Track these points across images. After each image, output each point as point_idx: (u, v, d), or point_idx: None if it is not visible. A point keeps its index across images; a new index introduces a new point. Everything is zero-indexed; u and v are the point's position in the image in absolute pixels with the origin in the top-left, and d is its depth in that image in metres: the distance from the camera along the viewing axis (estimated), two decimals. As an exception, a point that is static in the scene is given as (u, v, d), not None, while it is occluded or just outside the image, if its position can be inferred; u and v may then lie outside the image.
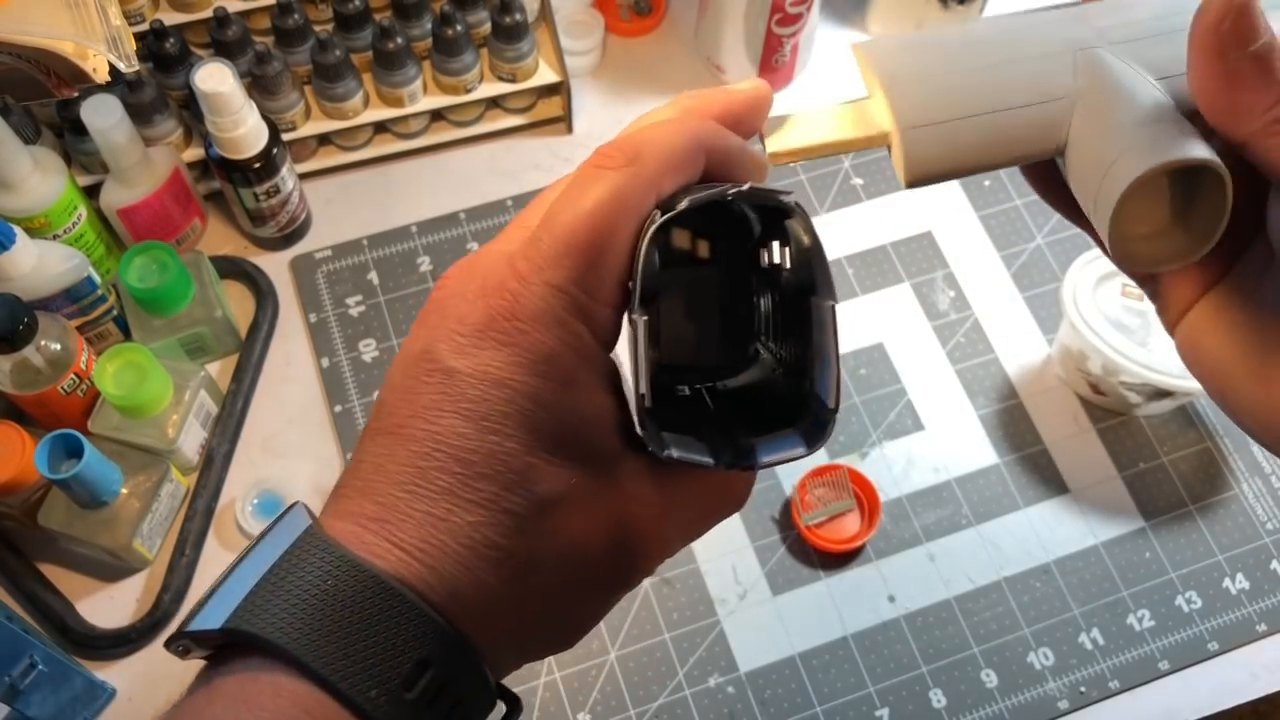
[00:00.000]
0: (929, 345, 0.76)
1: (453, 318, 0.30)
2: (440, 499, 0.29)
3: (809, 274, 0.30)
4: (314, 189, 0.80)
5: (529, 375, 0.29)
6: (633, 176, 0.29)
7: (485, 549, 0.29)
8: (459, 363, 0.29)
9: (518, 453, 0.29)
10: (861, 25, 0.88)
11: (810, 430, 0.30)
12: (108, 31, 0.64)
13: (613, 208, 0.29)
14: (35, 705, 0.58)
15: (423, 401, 0.30)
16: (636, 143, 0.30)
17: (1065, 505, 0.71)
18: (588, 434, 0.30)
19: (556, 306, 0.29)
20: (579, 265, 0.29)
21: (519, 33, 0.75)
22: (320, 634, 0.28)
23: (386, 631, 0.28)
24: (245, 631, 0.28)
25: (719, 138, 0.31)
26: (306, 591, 0.28)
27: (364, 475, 0.30)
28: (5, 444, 0.61)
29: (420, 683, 0.28)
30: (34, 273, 0.64)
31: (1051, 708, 0.65)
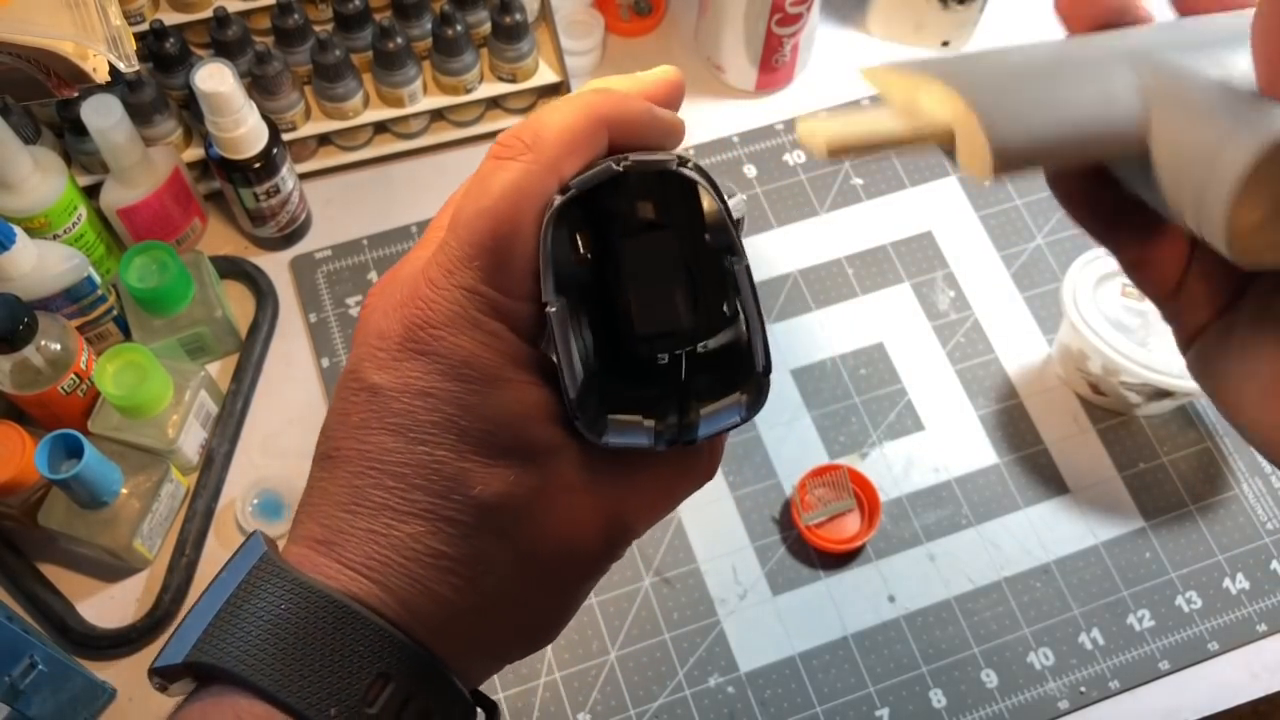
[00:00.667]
0: (929, 345, 0.76)
1: (374, 334, 0.30)
2: (379, 515, 0.29)
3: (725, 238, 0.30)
4: (314, 189, 0.80)
5: (449, 381, 0.29)
6: (531, 163, 0.29)
7: (429, 559, 0.29)
8: (381, 378, 0.29)
9: (449, 460, 0.29)
10: (862, 25, 0.88)
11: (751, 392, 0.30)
12: (108, 31, 0.64)
13: (513, 200, 0.28)
14: (35, 705, 0.58)
15: (353, 421, 0.30)
16: (534, 128, 0.29)
17: (1065, 505, 0.71)
18: (521, 430, 0.29)
19: (469, 308, 0.29)
20: (487, 264, 0.29)
21: (519, 33, 0.75)
22: (277, 658, 0.28)
23: (342, 649, 0.28)
24: (204, 663, 0.28)
25: (621, 107, 0.30)
26: (261, 617, 0.28)
27: (312, 500, 0.31)
28: (5, 444, 0.61)
29: (382, 697, 0.28)
30: (34, 273, 0.64)
31: (1051, 708, 0.65)
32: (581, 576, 0.32)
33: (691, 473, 0.33)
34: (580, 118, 0.29)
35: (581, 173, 0.29)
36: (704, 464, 0.33)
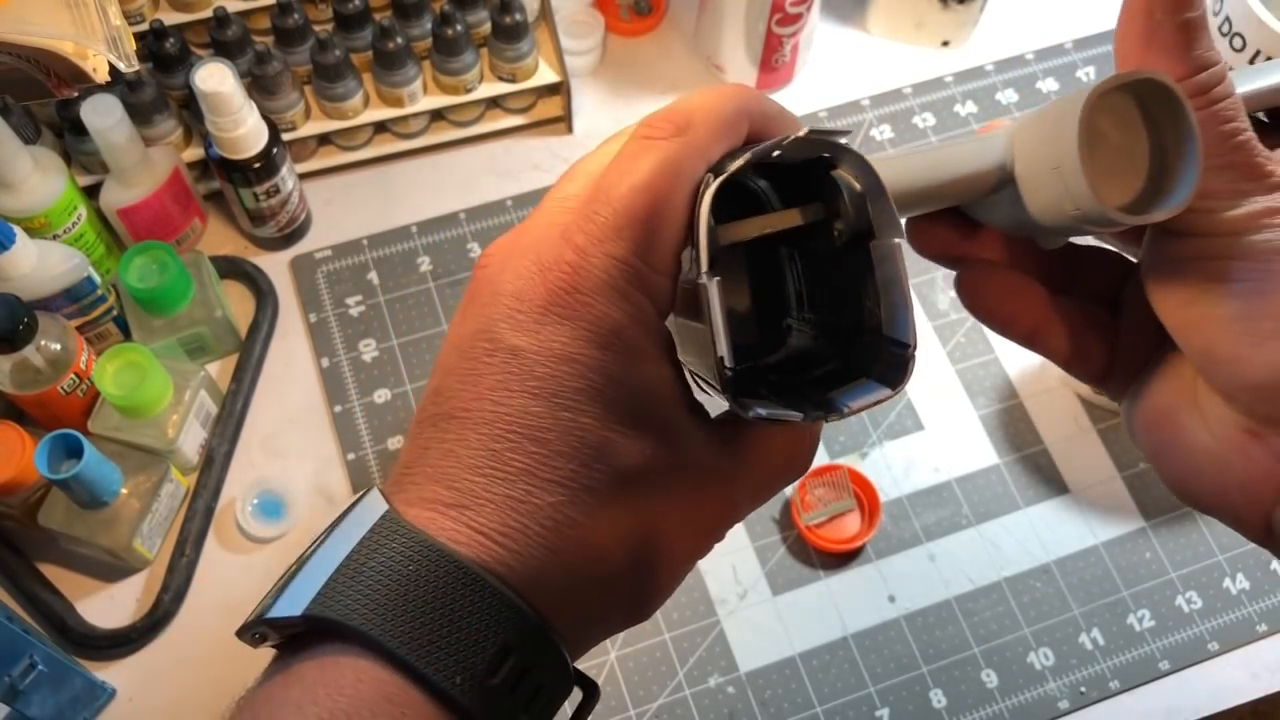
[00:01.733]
0: (929, 345, 0.76)
1: (509, 295, 0.29)
2: (518, 480, 0.29)
3: (865, 219, 0.30)
4: (314, 189, 0.80)
5: (596, 349, 0.29)
6: (684, 146, 0.29)
7: (568, 529, 0.29)
8: (523, 340, 0.29)
9: (593, 428, 0.29)
10: (862, 25, 0.88)
11: (888, 372, 0.30)
12: (108, 31, 0.64)
13: (667, 178, 0.29)
14: (35, 705, 0.58)
15: (487, 383, 0.29)
16: (685, 111, 0.30)
17: (1065, 505, 0.71)
18: (656, 405, 0.30)
19: (618, 278, 0.29)
20: (637, 236, 0.29)
21: (519, 33, 0.75)
22: (403, 620, 0.27)
23: (469, 617, 0.27)
24: (327, 618, 0.27)
25: (761, 102, 0.31)
26: (387, 577, 0.28)
27: (433, 461, 0.30)
28: (5, 444, 0.61)
29: (503, 669, 0.28)
30: (34, 273, 0.64)
31: (1051, 708, 0.65)
32: (691, 554, 0.32)
33: (794, 461, 0.33)
34: (731, 105, 0.30)
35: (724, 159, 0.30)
36: (805, 451, 0.33)
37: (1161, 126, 0.31)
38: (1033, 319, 0.36)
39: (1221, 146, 0.30)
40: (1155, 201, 0.31)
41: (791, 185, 0.33)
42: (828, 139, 0.29)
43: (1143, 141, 0.31)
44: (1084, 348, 0.36)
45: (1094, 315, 0.37)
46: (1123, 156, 0.31)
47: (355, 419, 0.72)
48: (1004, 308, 0.36)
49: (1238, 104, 0.31)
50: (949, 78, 0.85)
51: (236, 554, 0.68)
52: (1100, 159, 0.31)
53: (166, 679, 0.65)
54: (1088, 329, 0.36)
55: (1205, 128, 0.30)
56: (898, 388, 0.30)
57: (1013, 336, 0.37)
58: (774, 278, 0.34)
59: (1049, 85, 0.85)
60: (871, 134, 0.83)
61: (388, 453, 0.71)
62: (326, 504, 0.70)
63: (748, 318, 0.34)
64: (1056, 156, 0.30)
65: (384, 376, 0.74)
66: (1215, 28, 0.74)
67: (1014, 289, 0.36)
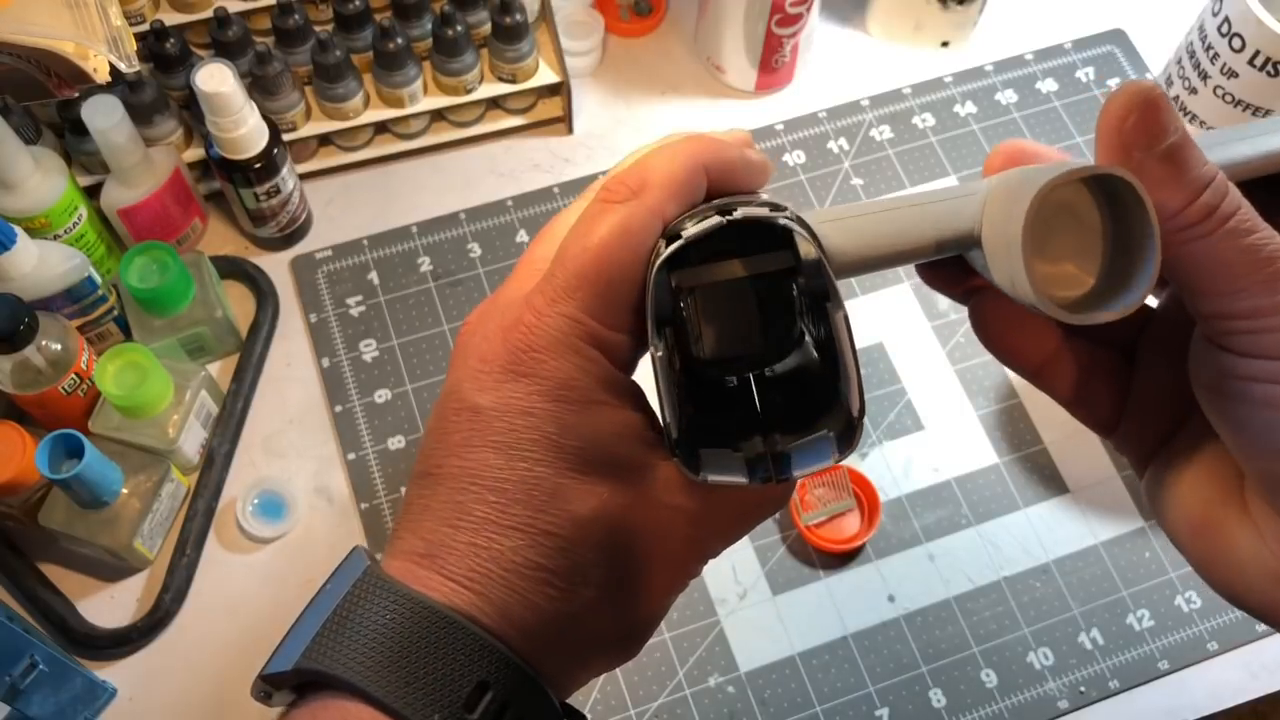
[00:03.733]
0: (929, 345, 0.76)
1: (475, 357, 0.32)
2: (481, 529, 0.31)
3: (820, 282, 0.31)
4: (314, 189, 0.80)
5: (550, 402, 0.31)
6: (637, 207, 0.31)
7: (529, 570, 0.30)
8: (484, 399, 0.31)
9: (547, 475, 0.30)
10: (861, 25, 0.88)
11: (841, 436, 0.31)
12: (108, 32, 0.64)
13: (620, 240, 0.31)
14: (35, 705, 0.58)
15: (455, 440, 0.31)
16: (639, 174, 0.32)
17: (1065, 505, 0.71)
18: (614, 449, 0.31)
19: (570, 335, 0.31)
20: (590, 296, 0.31)
21: (519, 33, 0.76)
22: (382, 665, 0.29)
23: (445, 657, 0.29)
24: (312, 669, 0.30)
25: (718, 153, 0.33)
26: (367, 627, 0.30)
27: (413, 517, 0.32)
28: (6, 444, 0.61)
29: (481, 704, 0.29)
30: (34, 273, 0.64)
31: (1051, 707, 0.65)
32: (666, 590, 0.33)
33: (767, 502, 0.34)
34: (682, 164, 0.32)
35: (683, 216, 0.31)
36: (780, 490, 0.34)
37: (1127, 215, 0.29)
38: (1041, 355, 0.35)
39: (1254, 260, 0.28)
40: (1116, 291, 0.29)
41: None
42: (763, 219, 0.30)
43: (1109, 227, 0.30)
44: (1092, 392, 0.35)
45: (1106, 360, 0.36)
46: (1090, 238, 0.30)
47: (355, 419, 0.72)
48: (1012, 341, 0.36)
49: (1251, 212, 0.29)
50: (949, 78, 0.85)
51: (237, 554, 0.68)
52: (1065, 237, 0.29)
53: (167, 679, 0.65)
54: (1098, 373, 0.35)
55: (1228, 247, 0.28)
56: (844, 454, 0.31)
57: (1020, 371, 0.36)
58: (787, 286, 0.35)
59: (1049, 85, 0.85)
60: (871, 134, 0.83)
61: (388, 453, 0.71)
62: (327, 504, 0.70)
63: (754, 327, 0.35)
64: (1008, 235, 0.29)
65: (384, 376, 0.74)
66: (1215, 28, 0.74)
67: (1024, 322, 0.35)
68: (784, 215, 0.31)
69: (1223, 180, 0.29)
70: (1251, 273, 0.28)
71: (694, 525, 0.33)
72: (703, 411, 0.34)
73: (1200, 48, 0.76)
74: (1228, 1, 0.73)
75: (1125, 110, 0.28)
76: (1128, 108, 0.28)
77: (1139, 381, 0.35)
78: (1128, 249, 0.29)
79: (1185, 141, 0.29)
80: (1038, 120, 0.84)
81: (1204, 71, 0.76)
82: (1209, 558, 0.33)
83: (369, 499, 0.70)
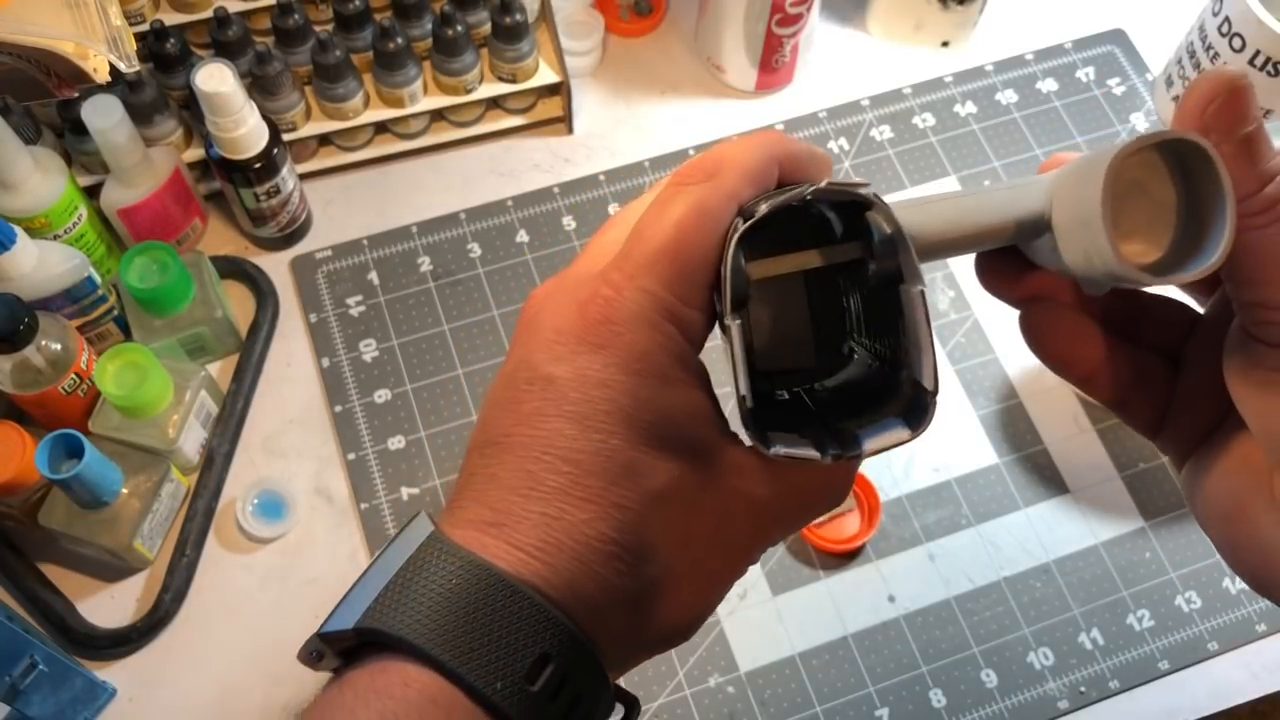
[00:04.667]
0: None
1: (547, 329, 0.32)
2: (553, 499, 0.30)
3: (894, 263, 0.31)
4: (314, 189, 0.80)
5: (626, 375, 0.31)
6: (713, 190, 0.31)
7: (599, 543, 0.30)
8: (558, 370, 0.31)
9: (622, 448, 0.30)
10: (861, 25, 0.88)
11: (910, 413, 0.31)
12: (108, 31, 0.64)
13: (696, 219, 0.31)
14: (35, 705, 0.58)
15: (526, 410, 0.31)
16: (715, 158, 0.32)
17: (1065, 505, 0.71)
18: (686, 428, 0.31)
19: (649, 309, 0.31)
20: (668, 272, 0.31)
21: (519, 33, 0.75)
22: (446, 630, 0.29)
23: (509, 627, 0.29)
24: (375, 629, 0.29)
25: (789, 145, 0.33)
26: (432, 592, 0.29)
27: (477, 486, 0.32)
28: (6, 444, 0.61)
29: (542, 676, 0.29)
30: (34, 273, 0.64)
31: (1051, 708, 0.65)
32: (725, 576, 0.34)
33: (831, 491, 0.34)
34: (759, 152, 0.32)
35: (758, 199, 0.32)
36: (841, 485, 0.34)
37: (1198, 185, 0.30)
38: (1091, 363, 0.36)
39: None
40: (1187, 260, 0.30)
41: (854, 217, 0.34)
42: (845, 190, 0.31)
43: (1180, 196, 0.31)
44: (1138, 397, 0.36)
45: (1153, 365, 0.36)
46: (1161, 211, 0.31)
47: (355, 419, 0.72)
48: (1063, 351, 0.36)
49: None
50: (949, 78, 0.85)
51: (237, 554, 0.68)
52: (1136, 213, 0.31)
53: (166, 679, 0.65)
54: (1145, 379, 0.36)
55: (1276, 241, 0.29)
56: (918, 430, 0.31)
57: (1069, 378, 0.37)
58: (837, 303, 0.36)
59: (1049, 85, 0.85)
60: (871, 134, 0.83)
61: (388, 453, 0.71)
62: (327, 504, 0.70)
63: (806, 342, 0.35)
64: (1084, 211, 0.30)
65: (384, 376, 0.74)
66: (1215, 28, 0.74)
67: (1074, 332, 0.36)
68: (866, 188, 0.31)
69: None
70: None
71: (757, 512, 0.33)
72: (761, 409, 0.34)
73: (1200, 48, 0.76)
74: (1228, 1, 0.73)
75: (1211, 94, 0.29)
76: (1213, 92, 0.29)
77: (1184, 384, 0.36)
78: (1198, 221, 0.30)
79: (1262, 132, 0.30)
80: (1038, 120, 0.84)
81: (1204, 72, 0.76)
82: (1237, 545, 0.34)
83: (369, 499, 0.70)
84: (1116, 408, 0.37)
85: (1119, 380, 0.36)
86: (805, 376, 0.35)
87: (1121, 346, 0.36)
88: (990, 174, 0.81)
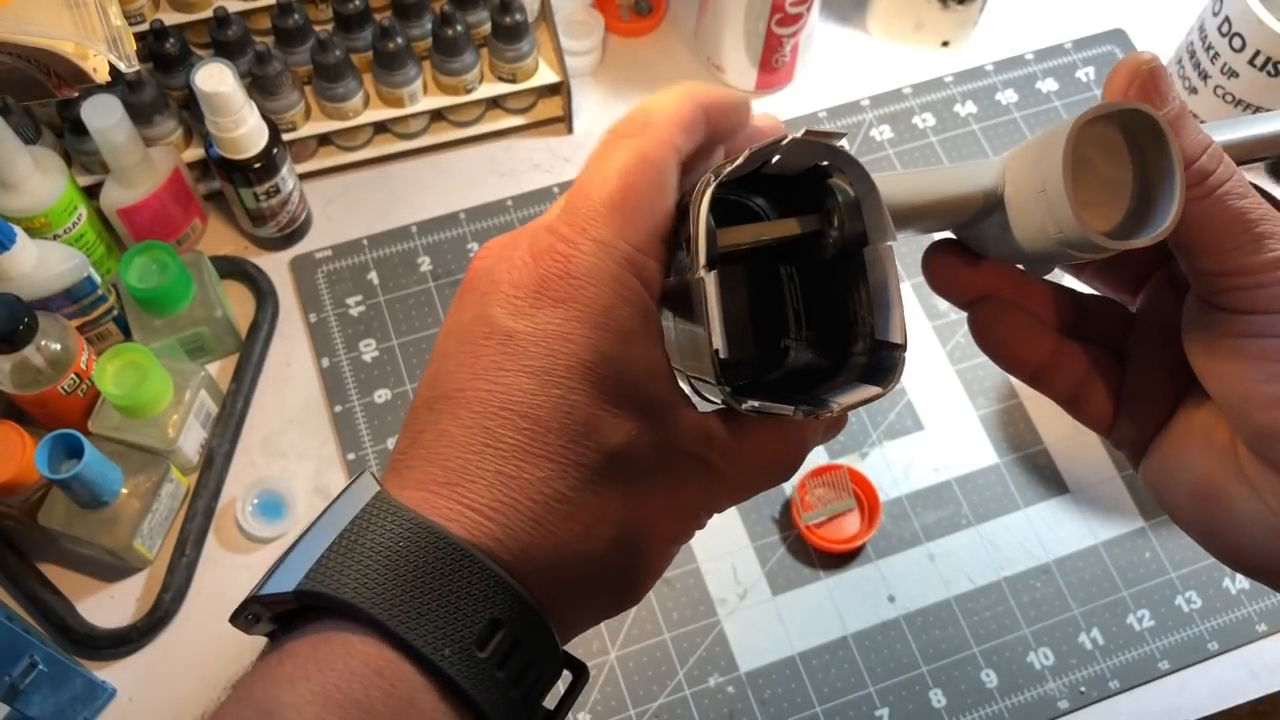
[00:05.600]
0: (929, 345, 0.76)
1: (505, 283, 0.31)
2: (511, 457, 0.29)
3: (859, 225, 0.31)
4: (314, 189, 0.80)
5: (589, 329, 0.30)
6: (649, 139, 0.31)
7: (556, 503, 0.30)
8: (518, 324, 0.30)
9: (582, 404, 0.29)
10: (861, 25, 0.88)
11: (873, 373, 0.31)
12: (108, 31, 0.64)
13: (638, 165, 0.30)
14: (35, 705, 0.58)
15: (483, 364, 0.30)
16: (644, 110, 0.32)
17: (1065, 505, 0.71)
18: (646, 385, 0.31)
19: (607, 261, 0.30)
20: (619, 221, 0.30)
21: (519, 33, 0.75)
22: (392, 594, 0.28)
23: (459, 591, 0.28)
24: (318, 592, 0.28)
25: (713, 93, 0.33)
26: (377, 554, 0.28)
27: (427, 444, 0.31)
28: (5, 444, 0.61)
29: (492, 642, 0.28)
30: (34, 273, 0.64)
31: (1051, 708, 0.65)
32: (672, 538, 0.33)
33: (781, 460, 0.34)
34: (685, 100, 0.32)
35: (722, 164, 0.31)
36: (793, 454, 0.34)
37: (1147, 157, 0.31)
38: (1038, 359, 0.37)
39: (1244, 221, 0.31)
40: (1137, 230, 0.31)
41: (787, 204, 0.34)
42: (824, 140, 0.30)
43: (1129, 172, 0.32)
44: (1088, 393, 0.37)
45: (1101, 361, 0.37)
46: (1110, 188, 0.32)
47: (355, 419, 0.72)
48: (1011, 348, 0.37)
49: (1243, 181, 0.31)
50: (949, 78, 0.85)
51: (237, 554, 0.68)
52: (1087, 188, 0.31)
53: (166, 679, 0.65)
54: (1093, 375, 0.37)
55: (1222, 209, 0.30)
56: (887, 386, 0.30)
57: (1019, 375, 0.37)
58: (774, 300, 0.35)
59: (1049, 85, 0.85)
60: (871, 134, 0.83)
61: (388, 452, 0.71)
62: (326, 503, 0.70)
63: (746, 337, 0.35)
64: (1041, 179, 0.31)
65: (384, 376, 0.74)
66: (1215, 28, 0.74)
67: (1022, 329, 0.37)
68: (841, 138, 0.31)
69: (1217, 149, 0.31)
70: (1243, 232, 0.31)
71: (709, 477, 0.32)
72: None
73: (1200, 47, 0.76)
74: (1228, 1, 0.73)
75: (1127, 81, 0.31)
76: (1129, 78, 0.31)
77: (1130, 377, 0.37)
78: (1145, 197, 0.31)
79: (1183, 111, 0.31)
80: (1038, 120, 0.84)
81: (1204, 71, 0.76)
82: (1210, 524, 0.34)
83: (369, 499, 0.70)
84: (1069, 405, 0.37)
85: (1069, 376, 0.37)
86: (746, 371, 0.35)
87: (1069, 343, 0.37)
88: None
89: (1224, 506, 0.33)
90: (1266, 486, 0.32)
